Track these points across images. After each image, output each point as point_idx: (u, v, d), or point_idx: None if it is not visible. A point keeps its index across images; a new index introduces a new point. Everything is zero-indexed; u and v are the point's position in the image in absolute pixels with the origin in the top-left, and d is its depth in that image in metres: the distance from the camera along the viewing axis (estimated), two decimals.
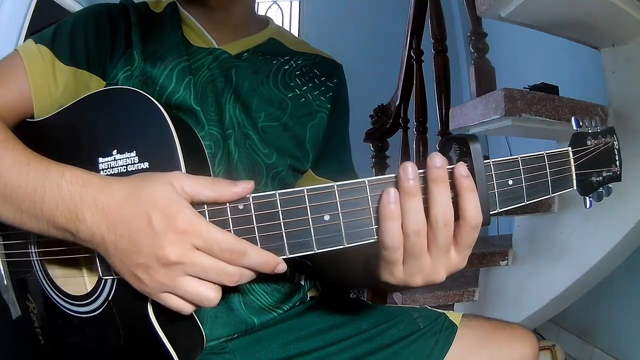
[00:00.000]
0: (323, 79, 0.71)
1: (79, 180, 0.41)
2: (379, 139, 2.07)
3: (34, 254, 0.53)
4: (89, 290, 0.49)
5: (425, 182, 0.39)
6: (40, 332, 0.53)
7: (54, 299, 0.51)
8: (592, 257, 1.22)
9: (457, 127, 1.32)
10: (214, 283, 0.40)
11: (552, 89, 1.25)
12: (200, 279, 0.40)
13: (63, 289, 0.51)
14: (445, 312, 0.65)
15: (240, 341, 0.61)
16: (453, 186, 0.40)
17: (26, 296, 0.54)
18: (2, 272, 0.55)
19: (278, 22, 0.75)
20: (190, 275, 0.39)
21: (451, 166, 0.40)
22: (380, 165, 2.06)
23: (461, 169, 0.39)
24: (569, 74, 1.91)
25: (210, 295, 0.40)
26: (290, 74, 0.68)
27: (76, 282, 0.50)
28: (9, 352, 0.57)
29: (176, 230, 0.38)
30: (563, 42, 1.29)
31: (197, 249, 0.39)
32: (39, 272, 0.53)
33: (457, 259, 0.42)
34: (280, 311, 0.65)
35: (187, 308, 0.41)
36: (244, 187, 0.40)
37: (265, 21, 0.73)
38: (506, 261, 1.50)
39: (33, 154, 0.45)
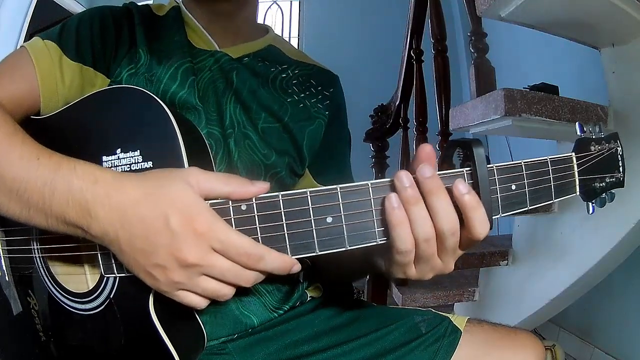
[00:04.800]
0: (320, 88, 0.72)
1: (91, 176, 0.40)
2: (379, 139, 2.07)
3: (36, 250, 0.52)
4: (91, 287, 0.49)
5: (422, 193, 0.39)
6: (40, 328, 0.53)
7: (56, 295, 0.51)
8: (592, 257, 1.22)
9: (457, 127, 1.32)
10: (229, 284, 0.41)
11: (552, 89, 1.25)
12: (217, 279, 0.40)
13: (65, 285, 0.51)
14: (450, 315, 0.63)
15: (240, 343, 0.61)
16: (456, 205, 0.39)
17: (27, 292, 0.54)
18: (4, 267, 0.55)
19: (278, 21, 0.76)
20: (207, 276, 0.40)
21: (449, 172, 0.41)
22: (380, 165, 2.06)
23: (460, 187, 0.39)
24: (569, 74, 1.91)
25: (226, 291, 0.41)
26: (288, 82, 0.70)
27: (78, 279, 0.50)
28: (9, 349, 0.57)
29: (194, 232, 0.38)
30: (563, 42, 1.29)
31: (215, 251, 0.39)
32: (41, 269, 0.53)
33: (461, 252, 0.44)
34: (281, 311, 0.65)
35: (202, 303, 0.42)
36: (260, 187, 0.41)
37: (265, 29, 0.75)
38: (506, 261, 1.50)
39: (43, 148, 0.44)
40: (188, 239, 0.38)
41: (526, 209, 0.43)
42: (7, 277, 0.55)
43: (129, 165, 0.45)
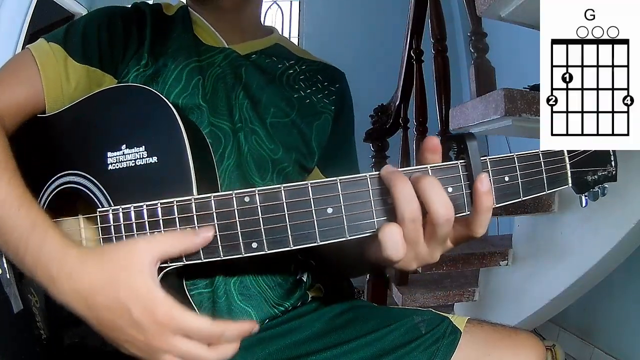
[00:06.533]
0: (326, 83, 0.73)
1: (59, 248, 0.43)
2: (379, 139, 2.07)
3: None
4: None
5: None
6: (41, 326, 0.53)
7: None
8: (592, 257, 1.22)
9: (457, 127, 1.32)
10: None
11: None
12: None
13: None
14: (449, 315, 0.63)
15: (241, 341, 0.61)
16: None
17: (29, 290, 0.54)
18: (5, 265, 0.55)
19: (278, 21, 0.78)
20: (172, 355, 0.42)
21: (443, 164, 0.43)
22: (380, 165, 2.03)
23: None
24: None
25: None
26: (295, 78, 0.71)
27: None
28: (9, 348, 0.56)
29: (156, 322, 0.41)
30: None
31: (178, 335, 0.42)
32: None
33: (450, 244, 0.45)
34: (282, 308, 0.65)
35: None
36: (203, 236, 0.43)
37: (270, 30, 0.77)
38: (506, 261, 1.50)
39: (26, 195, 0.45)
40: (151, 329, 0.41)
41: (520, 199, 0.45)
42: (7, 274, 0.55)
43: (133, 161, 0.46)
